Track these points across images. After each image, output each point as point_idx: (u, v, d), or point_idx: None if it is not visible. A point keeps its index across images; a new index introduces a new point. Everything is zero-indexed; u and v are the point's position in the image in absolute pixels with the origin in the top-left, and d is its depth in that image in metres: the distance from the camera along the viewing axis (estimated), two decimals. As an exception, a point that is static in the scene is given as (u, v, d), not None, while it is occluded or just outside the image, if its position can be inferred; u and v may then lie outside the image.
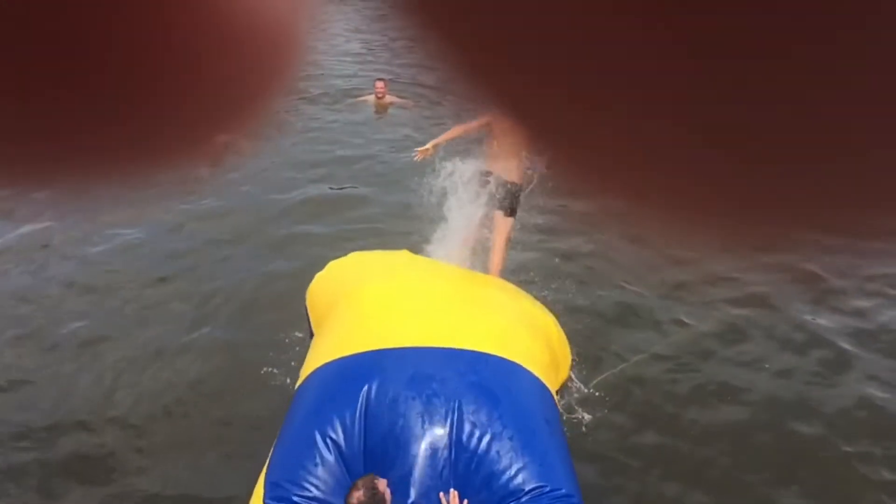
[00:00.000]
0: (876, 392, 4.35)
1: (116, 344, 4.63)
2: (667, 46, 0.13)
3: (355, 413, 2.72)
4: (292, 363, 3.96)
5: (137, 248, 5.78)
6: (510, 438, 2.70)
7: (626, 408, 4.16)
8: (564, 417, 3.57)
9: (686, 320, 4.98)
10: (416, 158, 4.40)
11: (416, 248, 4.62)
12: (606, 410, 4.08)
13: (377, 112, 8.57)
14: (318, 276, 3.69)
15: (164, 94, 0.17)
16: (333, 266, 3.73)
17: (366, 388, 2.77)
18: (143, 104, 0.17)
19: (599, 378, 4.31)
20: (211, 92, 0.18)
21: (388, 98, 8.60)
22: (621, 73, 0.14)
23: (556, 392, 3.40)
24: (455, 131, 4.30)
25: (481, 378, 2.87)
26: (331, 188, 6.78)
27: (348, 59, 10.36)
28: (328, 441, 2.67)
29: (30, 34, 0.14)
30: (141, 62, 0.16)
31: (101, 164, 0.19)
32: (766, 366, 4.57)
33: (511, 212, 4.40)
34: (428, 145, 4.32)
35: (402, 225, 5.65)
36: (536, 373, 3.10)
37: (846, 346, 4.77)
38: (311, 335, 3.60)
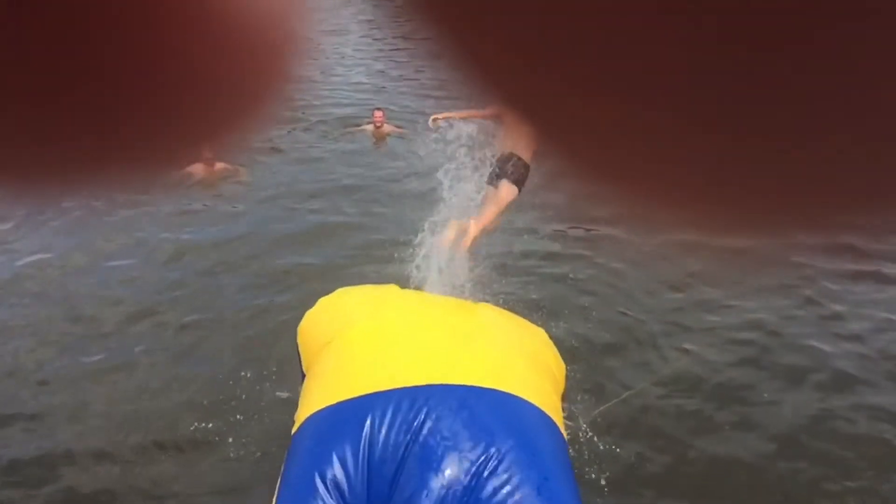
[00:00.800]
0: (884, 425, 4.32)
1: (104, 377, 4.58)
2: (674, 41, 0.13)
3: (357, 460, 2.69)
4: (286, 396, 3.93)
5: (132, 278, 5.75)
6: (507, 472, 2.66)
7: (633, 436, 4.13)
8: (569, 446, 3.55)
9: (688, 346, 4.97)
10: (430, 124, 4.73)
11: (413, 279, 4.61)
12: (612, 439, 4.07)
13: (375, 141, 8.62)
14: (308, 314, 3.68)
15: (156, 100, 0.16)
16: (323, 303, 3.72)
17: (364, 433, 2.74)
18: (131, 111, 0.16)
19: (604, 406, 4.30)
20: (205, 97, 0.17)
21: (387, 127, 8.66)
22: (627, 70, 0.14)
23: (561, 414, 3.37)
24: (466, 113, 4.51)
25: (475, 413, 2.84)
26: (328, 217, 6.78)
27: (346, 88, 10.45)
28: (329, 487, 2.64)
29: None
30: (131, 68, 0.15)
31: (87, 173, 0.18)
32: (770, 393, 4.54)
33: (516, 182, 4.47)
34: (440, 116, 4.46)
35: (398, 253, 5.66)
36: (534, 401, 3.06)
37: (850, 370, 4.76)
38: (303, 375, 3.58)
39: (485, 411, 2.87)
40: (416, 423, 2.77)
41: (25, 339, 4.96)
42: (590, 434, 4.09)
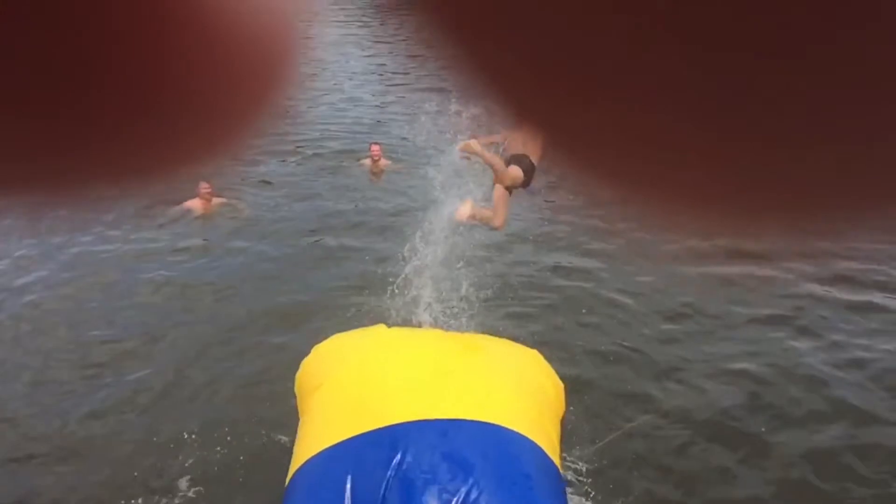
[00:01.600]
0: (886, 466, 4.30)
1: (106, 415, 4.54)
2: (675, 41, 0.13)
3: None
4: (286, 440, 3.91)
5: (125, 315, 5.73)
6: (487, 502, 2.70)
7: (635, 470, 4.12)
8: (565, 477, 3.52)
9: (686, 378, 4.97)
10: (458, 155, 4.71)
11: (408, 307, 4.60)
12: (617, 473, 4.06)
13: (372, 175, 8.65)
14: (303, 362, 3.74)
15: (149, 110, 0.16)
16: (316, 350, 3.78)
17: (348, 482, 2.79)
18: (122, 122, 0.16)
19: (604, 441, 4.30)
20: (200, 107, 0.17)
21: (384, 162, 8.70)
22: (638, 78, 0.14)
23: (553, 436, 3.36)
24: (487, 139, 4.55)
25: (454, 446, 2.89)
26: (326, 253, 6.78)
27: (343, 121, 10.51)
28: None
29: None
30: (123, 79, 0.15)
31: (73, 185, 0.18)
32: (770, 426, 4.54)
33: (525, 172, 4.58)
34: (474, 146, 4.44)
35: (397, 288, 5.67)
36: (519, 428, 3.08)
37: (851, 401, 4.75)
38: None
39: (465, 443, 2.91)
40: (395, 461, 2.81)
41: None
42: (590, 468, 4.06)
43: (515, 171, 4.56)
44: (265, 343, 5.30)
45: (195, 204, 7.46)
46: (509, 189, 4.65)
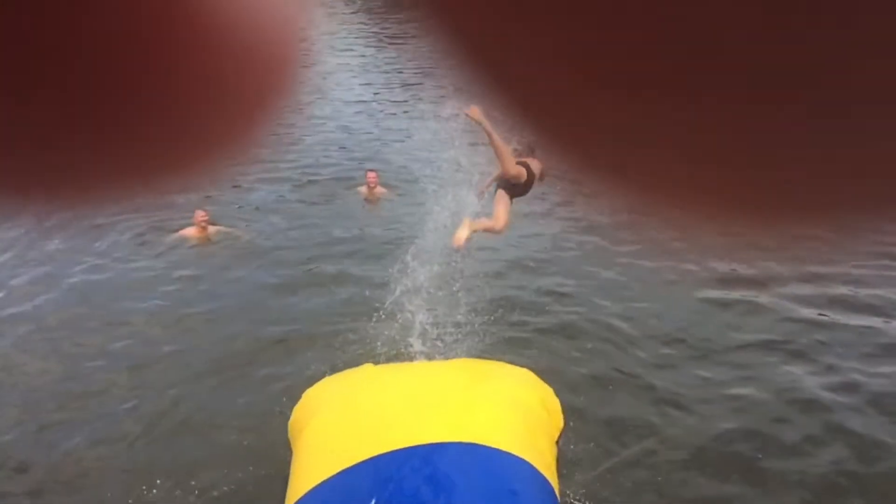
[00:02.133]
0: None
1: (97, 448, 4.49)
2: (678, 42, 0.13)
3: None
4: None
5: (120, 345, 5.68)
6: None
7: (635, 495, 4.09)
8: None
9: (684, 402, 4.95)
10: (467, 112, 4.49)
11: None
12: (616, 499, 4.03)
13: (368, 202, 8.67)
14: (295, 409, 3.78)
15: (148, 114, 0.16)
16: (307, 395, 3.84)
17: None
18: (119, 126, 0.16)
19: (602, 467, 4.27)
20: (201, 113, 0.17)
21: (379, 189, 8.72)
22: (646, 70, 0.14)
23: (544, 451, 3.36)
24: (497, 138, 4.42)
25: (436, 468, 2.93)
26: (322, 282, 6.74)
27: (342, 148, 10.56)
28: None
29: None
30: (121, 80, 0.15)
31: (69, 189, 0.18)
32: (768, 451, 4.51)
33: (528, 173, 4.62)
34: (478, 116, 4.40)
35: (394, 317, 5.66)
36: (506, 447, 3.11)
37: (847, 425, 4.73)
38: None
39: (448, 464, 2.96)
40: (381, 491, 2.84)
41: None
42: (591, 495, 4.03)
43: (518, 165, 4.61)
44: (259, 373, 5.26)
45: (191, 232, 7.46)
46: (510, 192, 4.70)
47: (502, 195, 4.72)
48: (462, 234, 4.52)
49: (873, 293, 6.31)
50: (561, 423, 3.68)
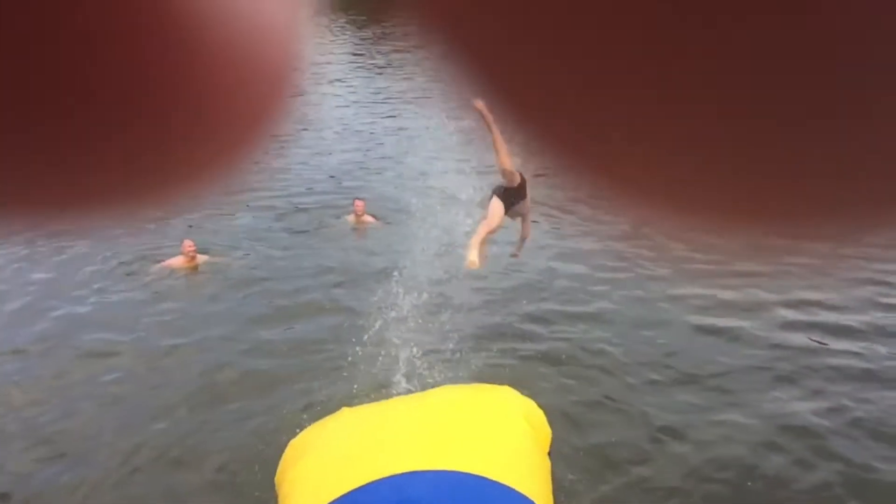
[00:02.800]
0: None
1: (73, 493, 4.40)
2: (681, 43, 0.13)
3: None
4: None
5: (102, 382, 5.59)
6: None
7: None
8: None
9: (676, 429, 4.94)
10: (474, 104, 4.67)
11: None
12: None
13: (356, 231, 8.67)
14: (280, 461, 3.78)
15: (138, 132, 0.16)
16: (291, 446, 3.85)
17: None
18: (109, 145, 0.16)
19: (597, 493, 4.27)
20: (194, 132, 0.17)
21: (367, 217, 8.73)
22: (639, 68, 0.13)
23: (530, 475, 3.33)
24: (497, 132, 4.53)
25: (408, 497, 2.96)
26: (308, 311, 6.68)
27: (330, 177, 10.58)
28: None
29: None
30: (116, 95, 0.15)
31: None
32: (761, 470, 4.53)
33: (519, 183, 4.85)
34: (482, 108, 4.44)
35: (382, 350, 5.64)
36: (481, 471, 3.12)
37: (833, 441, 4.74)
38: None
39: (420, 492, 3.00)
40: None
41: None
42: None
43: (515, 171, 4.76)
44: (244, 407, 5.19)
45: (179, 262, 7.42)
46: (504, 201, 4.82)
47: (496, 200, 4.82)
48: (473, 255, 4.57)
49: (858, 318, 6.36)
50: (549, 433, 3.71)
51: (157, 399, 5.29)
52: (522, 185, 4.79)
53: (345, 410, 4.03)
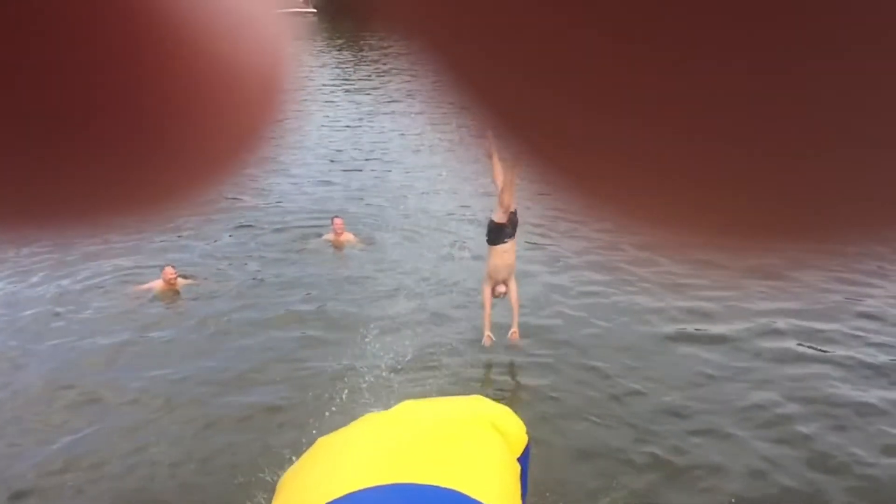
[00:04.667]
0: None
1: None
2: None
3: None
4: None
5: (71, 417, 5.44)
6: None
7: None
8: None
9: (658, 453, 4.92)
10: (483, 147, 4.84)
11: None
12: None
13: (335, 249, 8.63)
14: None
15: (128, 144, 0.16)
16: (279, 485, 3.79)
17: None
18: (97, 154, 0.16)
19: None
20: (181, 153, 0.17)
21: (346, 235, 8.70)
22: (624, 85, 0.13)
23: (500, 485, 3.34)
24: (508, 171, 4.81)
25: None
26: (288, 335, 6.58)
27: (311, 197, 10.54)
28: None
29: None
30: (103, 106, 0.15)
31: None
32: (746, 479, 4.59)
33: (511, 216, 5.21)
34: (491, 147, 4.50)
35: (370, 373, 5.62)
36: (429, 480, 3.15)
37: (822, 443, 4.81)
38: None
39: None
40: None
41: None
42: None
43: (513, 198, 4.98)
44: (225, 439, 5.09)
45: (158, 285, 7.32)
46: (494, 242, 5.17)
47: (485, 289, 5.34)
48: (487, 330, 5.26)
49: (833, 326, 6.45)
50: (523, 439, 3.69)
51: (139, 430, 5.18)
52: (513, 220, 4.98)
53: (319, 440, 4.02)
